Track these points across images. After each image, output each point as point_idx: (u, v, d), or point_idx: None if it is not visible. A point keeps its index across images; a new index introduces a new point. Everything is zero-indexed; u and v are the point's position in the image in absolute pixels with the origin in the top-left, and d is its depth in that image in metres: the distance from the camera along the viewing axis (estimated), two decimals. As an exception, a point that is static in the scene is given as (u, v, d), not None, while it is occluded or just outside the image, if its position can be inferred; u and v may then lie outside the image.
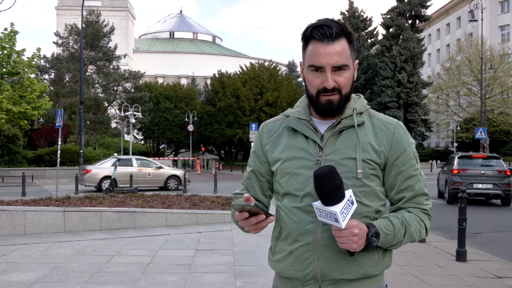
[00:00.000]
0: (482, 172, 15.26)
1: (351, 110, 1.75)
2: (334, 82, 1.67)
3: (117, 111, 43.94)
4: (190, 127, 44.28)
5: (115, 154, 24.62)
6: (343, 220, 1.55)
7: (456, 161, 15.85)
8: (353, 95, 1.82)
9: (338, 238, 1.58)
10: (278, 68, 49.44)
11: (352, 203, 1.59)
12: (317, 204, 1.59)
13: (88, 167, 20.32)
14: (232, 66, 58.85)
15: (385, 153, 1.73)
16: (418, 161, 1.80)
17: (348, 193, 1.59)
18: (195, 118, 46.74)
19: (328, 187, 1.55)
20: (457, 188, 14.50)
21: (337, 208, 1.54)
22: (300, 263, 1.72)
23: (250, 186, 1.91)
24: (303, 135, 1.76)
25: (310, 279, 1.71)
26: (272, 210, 1.86)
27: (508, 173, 15.23)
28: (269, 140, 1.84)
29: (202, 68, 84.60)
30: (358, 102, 1.79)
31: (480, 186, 15.08)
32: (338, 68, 1.67)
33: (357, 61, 1.78)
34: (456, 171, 15.38)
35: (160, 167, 21.23)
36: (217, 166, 39.76)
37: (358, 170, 1.68)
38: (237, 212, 1.63)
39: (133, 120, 36.06)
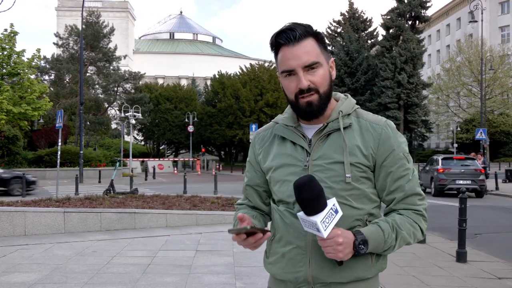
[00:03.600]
0: (462, 170, 18.58)
1: (337, 112, 1.72)
2: (309, 81, 1.65)
3: (117, 112, 43.90)
4: (190, 128, 44.26)
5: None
6: (325, 230, 1.53)
7: (440, 162, 19.11)
8: (341, 96, 1.80)
9: (323, 248, 1.58)
10: (278, 69, 49.40)
11: (336, 212, 1.57)
12: (301, 214, 1.58)
13: None
14: (232, 67, 58.81)
15: (373, 155, 1.69)
16: (410, 160, 1.74)
17: (331, 202, 1.57)
18: (195, 119, 46.73)
19: (307, 196, 1.53)
20: (443, 184, 18.43)
21: (317, 218, 1.53)
22: (292, 265, 1.72)
23: (249, 196, 1.91)
24: (291, 141, 1.75)
25: (302, 281, 1.71)
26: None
27: (482, 171, 18.77)
28: (261, 149, 1.84)
29: (202, 69, 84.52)
30: (345, 103, 1.76)
31: (461, 182, 18.01)
32: (310, 67, 1.66)
33: (332, 58, 1.76)
34: (442, 170, 18.59)
35: None
36: (217, 167, 39.73)
37: (347, 175, 1.65)
38: (234, 235, 1.62)
39: (133, 121, 36.08)
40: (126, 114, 36.95)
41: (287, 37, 1.66)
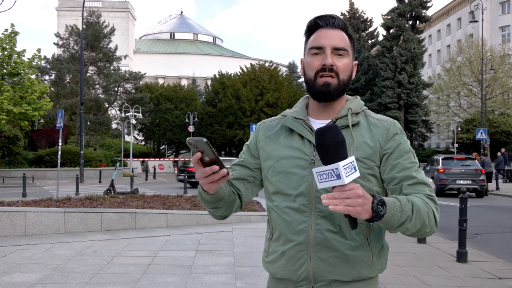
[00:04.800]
0: (463, 170, 18.62)
1: (346, 110, 1.75)
2: (333, 63, 1.70)
3: (118, 112, 43.89)
4: (191, 128, 44.24)
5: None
6: (346, 176, 1.42)
7: (440, 162, 19.22)
8: (350, 97, 1.83)
9: (340, 201, 1.42)
10: (278, 69, 49.39)
11: (355, 169, 1.47)
12: (317, 169, 1.48)
13: None
14: (232, 67, 58.79)
15: (380, 148, 1.70)
16: (415, 157, 1.75)
17: (352, 158, 1.48)
18: (196, 119, 46.72)
19: (331, 140, 1.46)
20: (444, 184, 18.44)
21: (340, 163, 1.43)
22: (292, 263, 1.71)
23: (232, 170, 1.87)
24: (299, 134, 1.76)
25: (303, 279, 1.70)
26: (260, 213, 1.85)
27: (483, 171, 18.82)
28: (264, 136, 1.85)
29: (202, 69, 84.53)
30: (354, 102, 1.79)
31: (462, 182, 18.08)
32: (338, 52, 1.71)
33: (355, 62, 1.81)
34: (442, 170, 18.68)
35: None
36: (218, 167, 39.65)
37: None
38: (195, 154, 1.50)
39: (133, 121, 36.10)
40: (127, 114, 36.95)
41: (326, 21, 1.74)
